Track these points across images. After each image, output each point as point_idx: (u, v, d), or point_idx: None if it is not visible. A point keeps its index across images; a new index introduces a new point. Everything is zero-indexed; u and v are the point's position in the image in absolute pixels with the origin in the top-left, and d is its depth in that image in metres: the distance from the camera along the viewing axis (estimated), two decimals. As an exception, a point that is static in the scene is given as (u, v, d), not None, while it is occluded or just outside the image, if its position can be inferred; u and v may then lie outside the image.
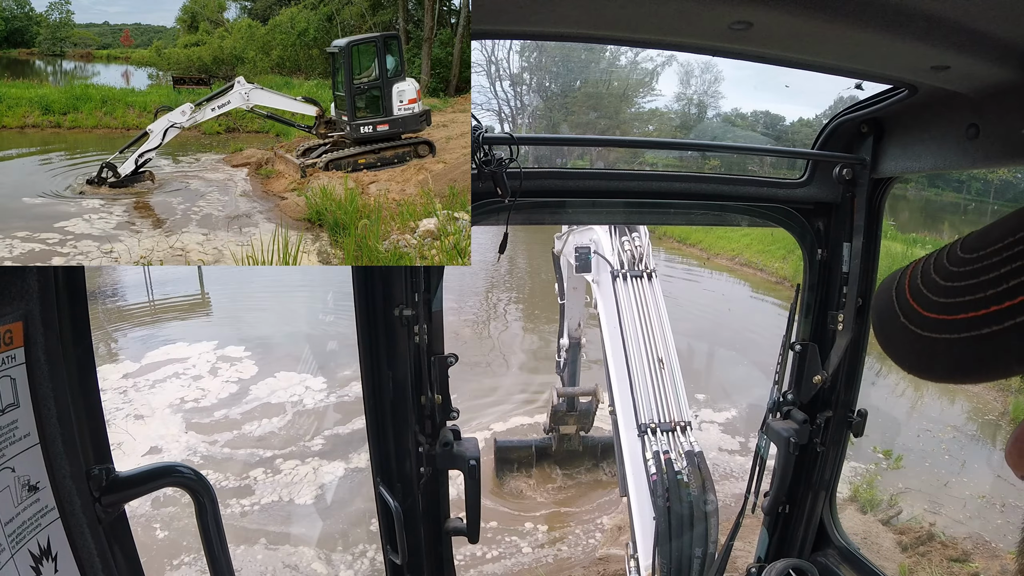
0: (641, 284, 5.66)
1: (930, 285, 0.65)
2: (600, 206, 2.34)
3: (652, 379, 4.89)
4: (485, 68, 32.37)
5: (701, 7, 1.28)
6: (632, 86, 30.79)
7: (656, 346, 5.14)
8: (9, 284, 1.12)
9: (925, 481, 9.44)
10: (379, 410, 2.08)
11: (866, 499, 8.81)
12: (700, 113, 32.43)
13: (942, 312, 0.61)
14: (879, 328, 0.70)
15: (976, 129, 1.74)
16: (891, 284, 0.71)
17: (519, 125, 33.08)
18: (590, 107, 30.07)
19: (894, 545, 7.94)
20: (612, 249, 6.05)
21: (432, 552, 2.29)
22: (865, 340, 2.57)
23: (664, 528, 3.89)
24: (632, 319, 5.32)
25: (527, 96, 33.81)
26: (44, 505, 1.18)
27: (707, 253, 22.73)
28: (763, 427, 2.70)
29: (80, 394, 1.25)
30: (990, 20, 1.22)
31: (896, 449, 10.13)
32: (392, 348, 2.03)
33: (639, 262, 5.91)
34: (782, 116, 30.47)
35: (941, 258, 0.66)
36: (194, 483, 1.43)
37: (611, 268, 5.77)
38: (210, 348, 13.65)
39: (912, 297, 0.66)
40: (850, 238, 2.40)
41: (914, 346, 0.63)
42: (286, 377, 12.24)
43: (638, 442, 4.51)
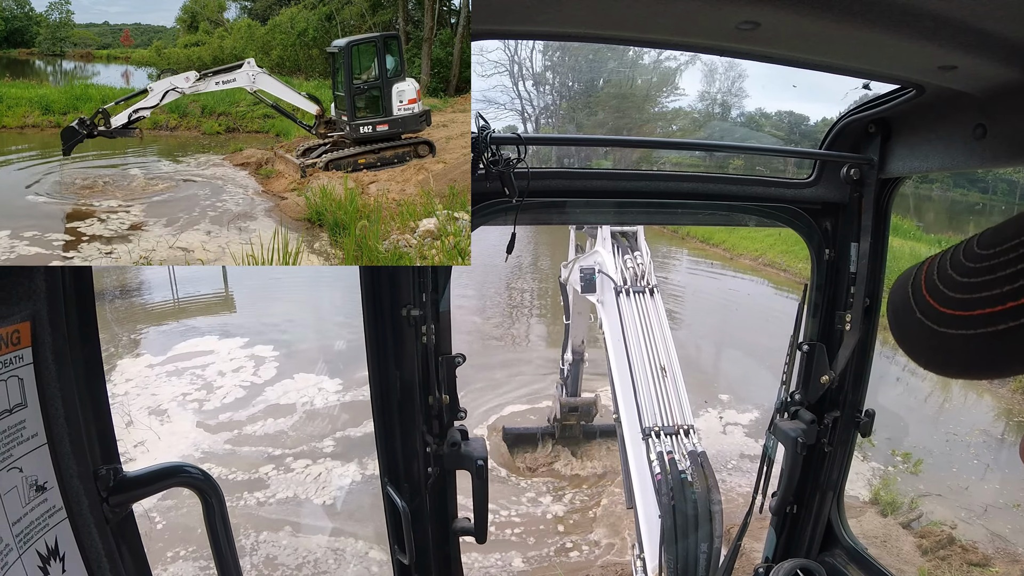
0: (643, 299, 5.97)
1: (947, 281, 0.64)
2: (607, 206, 2.34)
3: (655, 386, 5.02)
4: (508, 67, 32.23)
5: (708, 7, 1.27)
6: (656, 85, 30.40)
7: (659, 355, 5.30)
8: (16, 284, 1.12)
9: (948, 485, 9.35)
10: (387, 410, 2.08)
11: (886, 502, 8.74)
12: (724, 113, 31.87)
13: (958, 308, 0.61)
14: (895, 323, 0.70)
15: (983, 129, 1.74)
16: (907, 280, 0.70)
17: (542, 125, 32.87)
18: (614, 107, 29.73)
19: (914, 548, 7.90)
20: (616, 267, 6.37)
21: (439, 552, 2.29)
22: (873, 340, 2.57)
23: (670, 525, 3.92)
24: (635, 330, 5.53)
25: (550, 96, 33.61)
26: (52, 505, 1.18)
27: (730, 253, 22.57)
28: (771, 427, 2.70)
29: (88, 394, 1.25)
30: (997, 20, 1.22)
31: (920, 453, 10.01)
32: (399, 348, 2.03)
33: (641, 279, 6.24)
34: (806, 116, 29.90)
35: (958, 254, 0.66)
36: (201, 483, 1.43)
37: (615, 285, 6.06)
38: (236, 345, 13.96)
39: (928, 293, 0.66)
40: (858, 238, 2.40)
41: (930, 342, 0.63)
42: (304, 378, 12.42)
43: (642, 445, 4.58)
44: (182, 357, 13.33)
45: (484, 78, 32.34)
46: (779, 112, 30.13)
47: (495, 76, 32.73)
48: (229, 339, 14.29)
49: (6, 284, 1.10)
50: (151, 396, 11.80)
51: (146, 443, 10.24)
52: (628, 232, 7.15)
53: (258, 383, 12.27)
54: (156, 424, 10.93)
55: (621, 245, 6.92)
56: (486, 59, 31.73)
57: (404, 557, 2.10)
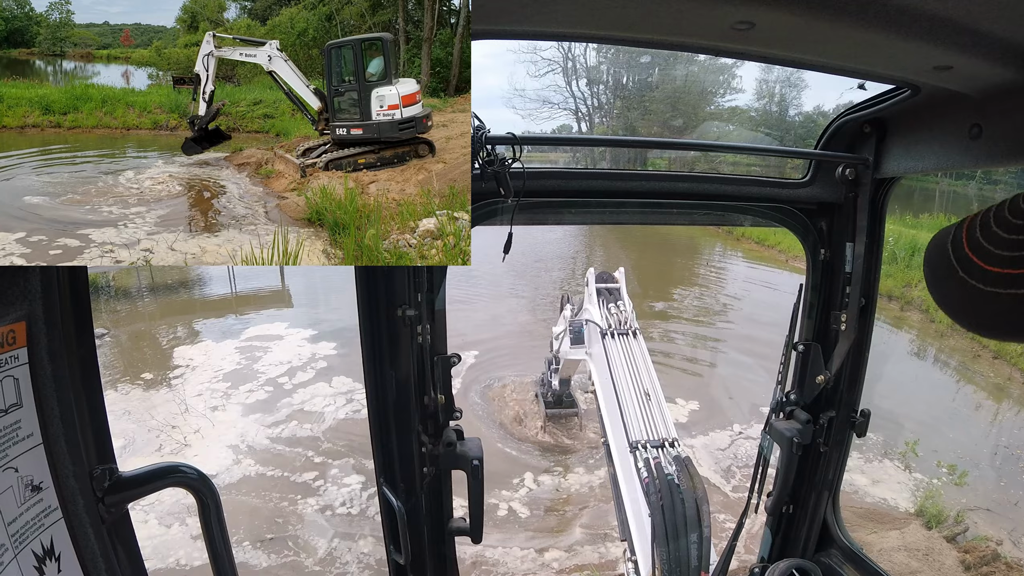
0: (627, 340, 6.61)
1: (992, 238, 0.61)
2: (603, 206, 2.33)
3: (640, 408, 5.33)
4: (562, 65, 31.81)
5: (703, 7, 1.27)
6: (710, 83, 29.96)
7: (643, 383, 5.69)
8: (12, 284, 1.12)
9: (996, 499, 9.22)
10: (382, 410, 2.08)
11: (932, 515, 8.60)
12: (781, 112, 31.35)
13: (1008, 266, 0.58)
14: (933, 283, 0.66)
15: (979, 129, 1.73)
16: (945, 238, 0.66)
17: (595, 124, 32.50)
18: (669, 106, 29.29)
19: (956, 564, 7.76)
20: (601, 316, 7.24)
21: (435, 552, 2.29)
22: (868, 340, 2.56)
23: (659, 522, 3.98)
24: (621, 364, 6.05)
25: (604, 95, 33.25)
26: (47, 505, 1.18)
27: (785, 255, 22.41)
28: (766, 427, 2.70)
29: (83, 394, 1.25)
30: (993, 20, 1.22)
31: (966, 465, 9.88)
32: (395, 348, 2.03)
33: (624, 323, 7.00)
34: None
35: (1002, 211, 0.62)
36: (197, 483, 1.43)
37: (601, 329, 6.80)
38: (297, 339, 14.59)
39: (971, 250, 0.62)
40: (853, 238, 2.39)
41: (974, 301, 0.60)
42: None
43: (630, 457, 4.75)
44: (241, 349, 13.92)
45: (536, 78, 31.99)
46: (837, 107, 29.49)
47: (548, 75, 32.45)
48: (288, 333, 14.84)
49: (1, 284, 1.10)
50: (209, 387, 12.27)
51: (201, 431, 10.64)
52: (612, 288, 8.29)
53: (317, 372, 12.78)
54: (212, 414, 11.32)
55: (605, 298, 7.94)
56: (540, 57, 31.35)
57: (400, 557, 2.10)
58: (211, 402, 11.68)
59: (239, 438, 10.45)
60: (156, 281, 18.90)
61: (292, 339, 14.55)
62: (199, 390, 12.13)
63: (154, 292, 18.48)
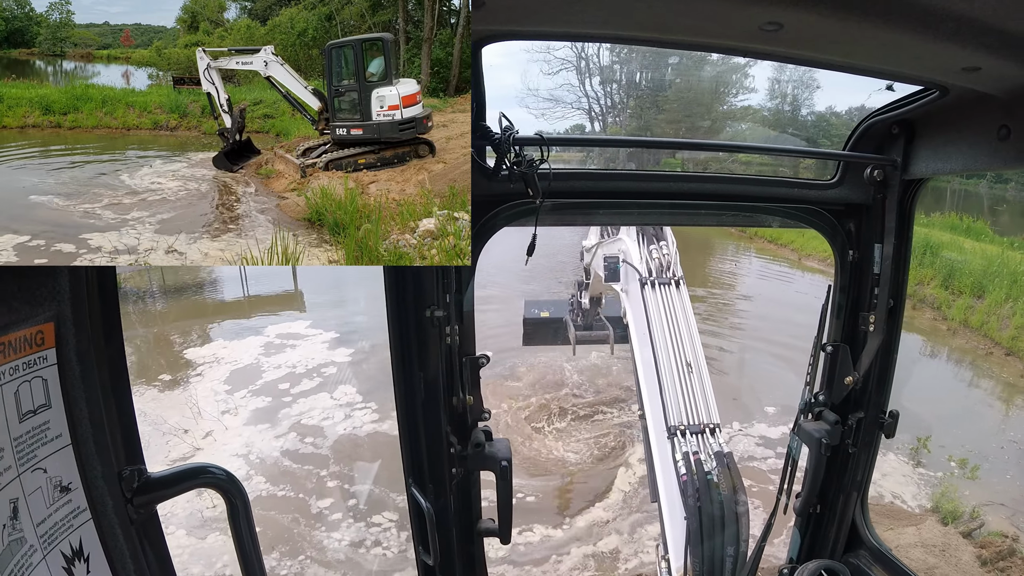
0: (669, 291, 5.77)
1: None
2: (630, 207, 2.32)
3: (681, 383, 4.90)
4: (575, 64, 31.57)
5: (731, 8, 1.27)
6: (723, 83, 29.57)
7: (684, 351, 5.15)
8: (40, 285, 1.11)
9: (1012, 495, 9.18)
10: (411, 411, 2.08)
11: (947, 510, 8.55)
12: (794, 112, 30.84)
13: None
14: None
15: (1008, 130, 1.73)
16: None
17: (608, 124, 32.23)
18: (683, 105, 28.92)
19: (973, 559, 7.71)
20: (640, 258, 6.21)
21: (464, 553, 2.28)
22: (897, 341, 2.54)
23: (695, 527, 3.85)
24: (661, 324, 5.37)
25: (617, 95, 32.93)
26: (76, 506, 1.18)
27: (798, 254, 22.11)
28: (795, 428, 2.69)
29: (112, 395, 1.24)
30: (1021, 21, 1.20)
31: (976, 459, 9.83)
32: (423, 349, 2.03)
33: (667, 270, 6.03)
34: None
35: None
36: (226, 484, 1.43)
37: (640, 276, 5.88)
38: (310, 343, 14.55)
39: None
40: (881, 239, 2.38)
41: None
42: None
43: (667, 444, 4.51)
44: (254, 353, 13.84)
45: (550, 76, 31.57)
46: (850, 110, 28.20)
47: (562, 73, 32.13)
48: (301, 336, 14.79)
49: (29, 285, 1.09)
50: (222, 391, 12.21)
51: (213, 433, 10.54)
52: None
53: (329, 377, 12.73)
54: (227, 419, 11.21)
55: (647, 234, 6.72)
56: (553, 56, 31.08)
57: (428, 558, 2.09)
58: (222, 407, 11.60)
59: (245, 447, 10.40)
60: (167, 283, 18.81)
61: (310, 343, 14.45)
62: (213, 394, 12.02)
63: (165, 295, 18.43)
